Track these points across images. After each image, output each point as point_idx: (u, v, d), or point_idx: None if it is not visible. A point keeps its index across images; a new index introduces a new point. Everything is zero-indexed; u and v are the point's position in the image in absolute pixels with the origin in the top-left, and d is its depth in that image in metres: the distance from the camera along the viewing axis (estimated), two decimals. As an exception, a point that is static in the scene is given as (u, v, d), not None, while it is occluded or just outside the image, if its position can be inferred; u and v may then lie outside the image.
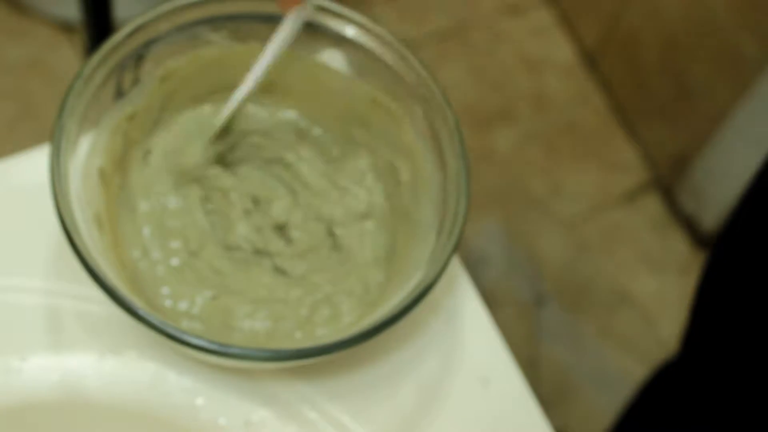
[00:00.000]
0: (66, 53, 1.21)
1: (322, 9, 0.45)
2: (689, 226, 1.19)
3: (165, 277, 0.46)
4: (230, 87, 0.48)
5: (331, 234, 0.48)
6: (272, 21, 0.46)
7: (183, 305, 0.45)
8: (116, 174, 0.45)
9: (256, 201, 0.48)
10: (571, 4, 1.32)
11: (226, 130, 0.48)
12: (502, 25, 1.33)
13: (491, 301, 1.12)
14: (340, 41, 0.46)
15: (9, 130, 1.15)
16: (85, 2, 0.83)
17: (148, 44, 0.44)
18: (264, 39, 0.46)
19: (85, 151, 0.43)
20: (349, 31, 0.46)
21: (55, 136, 0.41)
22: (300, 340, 0.45)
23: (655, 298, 1.13)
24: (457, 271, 0.49)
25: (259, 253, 0.47)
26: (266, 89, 0.48)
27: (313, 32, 0.46)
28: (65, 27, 1.22)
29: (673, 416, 0.73)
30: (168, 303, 0.45)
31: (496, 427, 0.46)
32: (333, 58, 0.47)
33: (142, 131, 0.46)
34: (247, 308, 0.45)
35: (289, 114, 0.49)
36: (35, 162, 0.48)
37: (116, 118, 0.44)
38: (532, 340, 1.11)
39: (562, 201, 1.21)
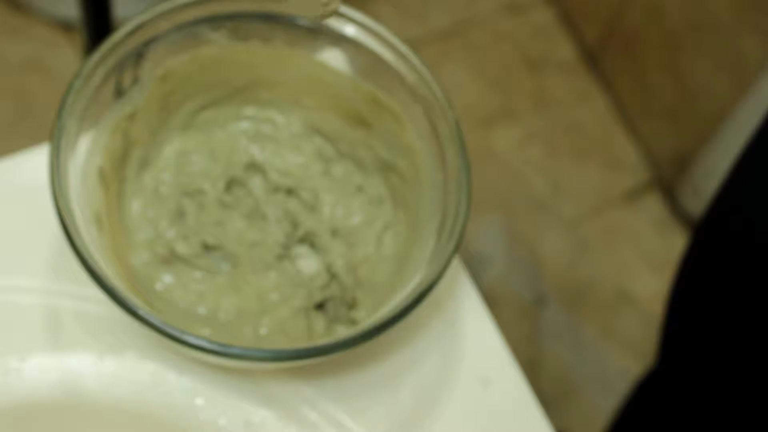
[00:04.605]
0: (65, 52, 1.21)
1: (322, 8, 0.45)
2: (690, 225, 1.19)
3: (166, 275, 0.46)
4: (230, 86, 0.48)
5: (335, 235, 0.48)
6: (272, 20, 0.46)
7: (185, 305, 0.45)
8: (116, 174, 0.45)
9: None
10: (572, 3, 1.32)
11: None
12: (502, 24, 1.33)
13: (492, 300, 1.12)
14: (340, 40, 0.46)
15: (8, 130, 1.15)
16: (84, 1, 0.82)
17: (148, 43, 0.44)
18: (264, 38, 0.46)
19: (85, 150, 0.43)
20: (350, 30, 0.45)
21: (54, 136, 0.40)
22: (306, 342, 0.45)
23: (656, 297, 1.13)
24: (457, 271, 0.48)
25: (281, 257, 0.47)
26: (266, 89, 0.48)
27: (313, 31, 0.46)
28: (64, 26, 1.22)
29: (657, 427, 0.73)
30: (169, 302, 0.45)
31: (496, 427, 0.46)
32: (333, 57, 0.47)
33: (142, 131, 0.46)
34: (254, 307, 0.45)
35: (289, 113, 0.49)
36: (35, 162, 0.48)
37: (116, 117, 0.44)
38: (532, 340, 1.11)
39: (563, 200, 1.21)
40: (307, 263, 0.47)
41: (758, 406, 0.62)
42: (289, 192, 0.49)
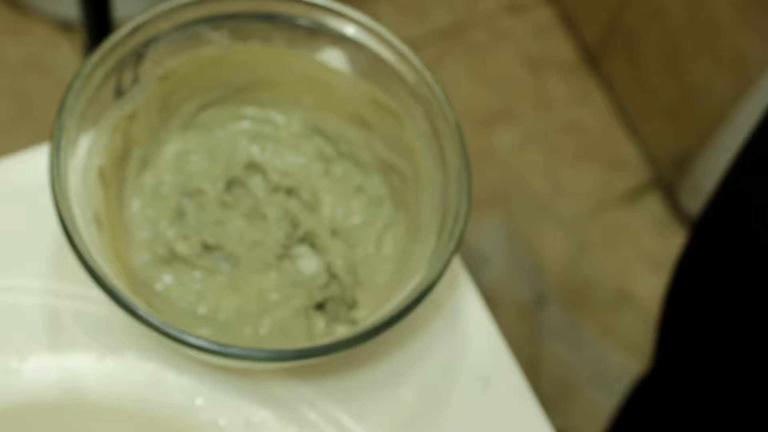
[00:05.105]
0: (65, 52, 1.21)
1: (322, 8, 0.45)
2: (690, 225, 1.19)
3: (166, 275, 0.46)
4: (230, 86, 0.48)
5: (335, 235, 0.48)
6: (272, 20, 0.45)
7: (185, 305, 0.45)
8: (116, 174, 0.45)
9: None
10: (572, 3, 1.31)
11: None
12: (502, 23, 1.33)
13: (492, 301, 1.11)
14: (340, 40, 0.46)
15: (8, 130, 1.15)
16: (84, 1, 0.82)
17: (148, 43, 0.44)
18: (264, 38, 0.46)
19: (85, 150, 0.42)
20: (350, 30, 0.45)
21: (54, 136, 0.40)
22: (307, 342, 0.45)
23: (656, 297, 1.13)
24: (457, 271, 0.48)
25: (281, 257, 0.47)
26: (266, 89, 0.48)
27: (313, 31, 0.46)
28: (64, 26, 1.22)
29: (655, 428, 0.73)
30: (169, 301, 0.45)
31: (496, 427, 0.46)
32: (333, 57, 0.47)
33: (142, 131, 0.46)
34: (254, 307, 0.45)
35: (289, 113, 0.49)
36: (34, 162, 0.48)
37: (116, 117, 0.44)
38: (532, 340, 1.11)
39: (563, 200, 1.21)
40: (307, 263, 0.47)
41: (755, 406, 0.62)
42: (289, 192, 0.49)
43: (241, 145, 0.49)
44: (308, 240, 0.48)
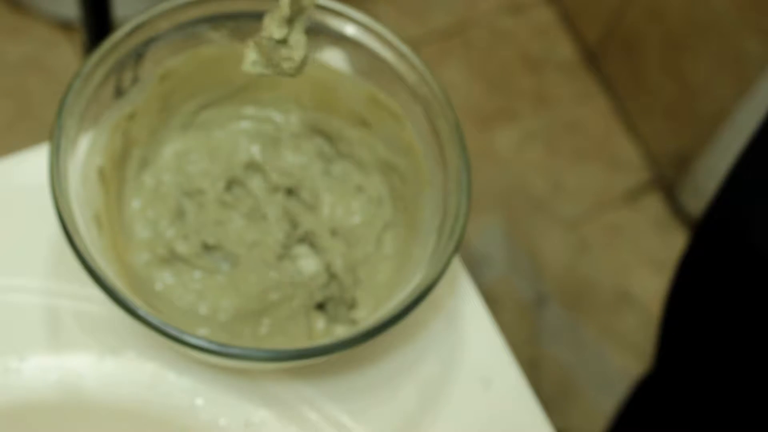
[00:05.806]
0: (65, 52, 1.21)
1: (322, 7, 0.45)
2: (690, 225, 1.19)
3: (166, 275, 0.46)
4: (230, 86, 0.48)
5: (335, 234, 0.48)
6: (272, 20, 0.45)
7: (185, 305, 0.45)
8: (116, 174, 0.45)
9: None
10: (572, 3, 1.32)
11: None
12: (503, 23, 1.33)
13: (492, 301, 1.11)
14: (340, 40, 0.46)
15: (8, 130, 1.15)
16: (84, 1, 0.82)
17: (148, 43, 0.44)
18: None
19: (85, 150, 0.42)
20: (350, 30, 0.45)
21: (54, 136, 0.40)
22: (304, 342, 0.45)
23: (656, 297, 1.13)
24: (457, 271, 0.48)
25: (281, 257, 0.47)
26: (266, 88, 0.48)
27: (313, 31, 0.46)
28: (64, 26, 1.22)
29: (656, 429, 0.73)
30: (169, 301, 0.45)
31: (497, 427, 0.46)
32: (333, 57, 0.47)
33: (142, 130, 0.46)
34: (254, 307, 0.45)
35: (289, 113, 0.49)
36: (34, 162, 0.48)
37: (116, 117, 0.44)
38: (533, 340, 1.11)
39: (563, 200, 1.21)
40: (307, 263, 0.47)
41: (756, 408, 0.62)
42: (289, 192, 0.49)
43: (241, 145, 0.49)
44: (308, 240, 0.48)
